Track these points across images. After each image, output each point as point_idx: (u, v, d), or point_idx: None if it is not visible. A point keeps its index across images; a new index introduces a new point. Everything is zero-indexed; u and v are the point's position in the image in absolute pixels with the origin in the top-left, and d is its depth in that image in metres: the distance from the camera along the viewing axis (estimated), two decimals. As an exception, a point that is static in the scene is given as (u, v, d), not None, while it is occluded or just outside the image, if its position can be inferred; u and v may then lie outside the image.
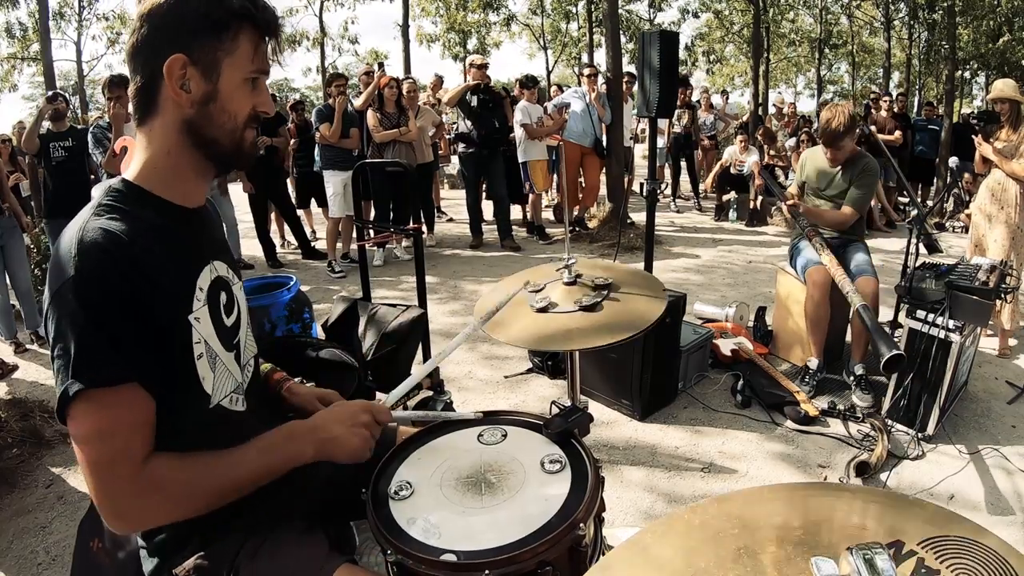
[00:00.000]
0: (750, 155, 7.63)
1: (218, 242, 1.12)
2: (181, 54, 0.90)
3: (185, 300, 0.96)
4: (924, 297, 2.59)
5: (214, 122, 0.96)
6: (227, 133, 0.98)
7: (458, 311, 4.48)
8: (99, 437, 0.86)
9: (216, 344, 1.01)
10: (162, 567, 1.03)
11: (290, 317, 2.96)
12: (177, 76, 0.91)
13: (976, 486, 2.34)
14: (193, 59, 0.92)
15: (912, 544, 0.68)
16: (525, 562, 0.94)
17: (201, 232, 1.05)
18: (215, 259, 1.05)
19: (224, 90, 0.95)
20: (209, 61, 0.93)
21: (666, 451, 2.63)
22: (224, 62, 0.94)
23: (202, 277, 1.00)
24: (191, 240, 1.01)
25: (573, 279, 1.58)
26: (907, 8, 15.30)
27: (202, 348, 0.97)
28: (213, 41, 0.92)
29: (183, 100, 0.93)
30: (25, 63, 15.31)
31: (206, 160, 1.00)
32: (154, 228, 0.94)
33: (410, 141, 5.68)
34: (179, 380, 0.95)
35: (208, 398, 1.00)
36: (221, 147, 0.98)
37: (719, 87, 17.84)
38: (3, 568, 2.08)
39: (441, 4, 17.26)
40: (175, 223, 0.99)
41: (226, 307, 1.06)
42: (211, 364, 1.00)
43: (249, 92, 0.98)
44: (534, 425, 1.26)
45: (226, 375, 1.04)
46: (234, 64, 0.95)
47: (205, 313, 0.99)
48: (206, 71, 0.93)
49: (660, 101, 3.15)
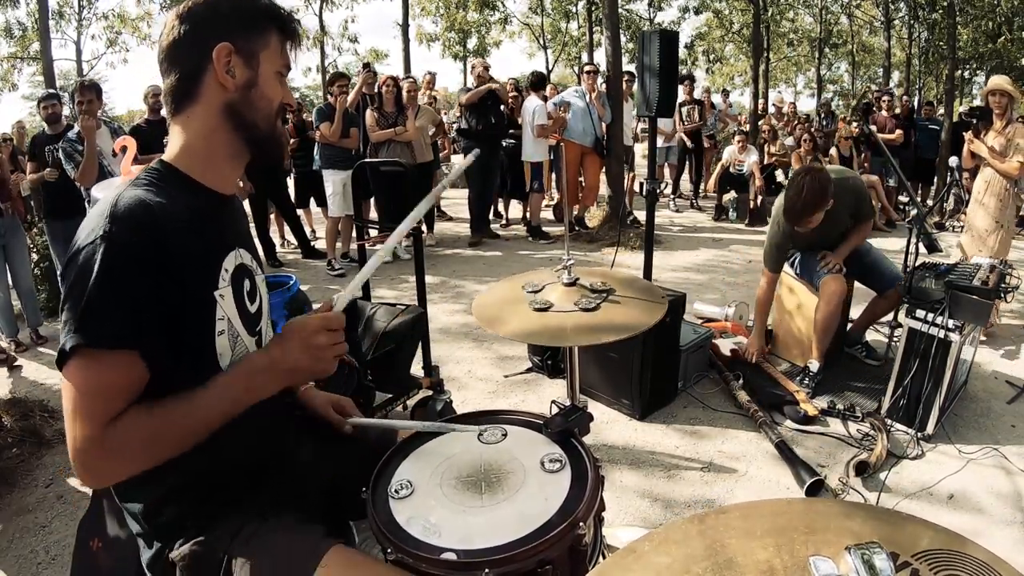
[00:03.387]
0: (749, 155, 7.63)
1: (243, 233, 1.16)
2: (227, 43, 0.99)
3: (212, 276, 1.01)
4: (924, 297, 2.59)
5: (255, 106, 1.04)
6: (265, 118, 1.05)
7: (458, 311, 4.48)
8: (87, 393, 0.88)
9: (239, 324, 1.05)
10: (159, 555, 1.04)
11: (290, 316, 2.96)
12: (224, 62, 0.99)
13: (975, 486, 2.34)
14: (237, 47, 1.00)
15: (906, 556, 0.68)
16: (525, 561, 0.94)
17: (230, 219, 1.11)
18: (240, 247, 1.10)
19: (262, 79, 1.04)
20: (250, 50, 1.02)
21: (666, 451, 2.64)
22: (261, 54, 1.03)
23: (228, 260, 1.05)
24: (220, 224, 1.06)
25: (572, 280, 1.58)
26: (907, 8, 15.30)
27: (224, 325, 1.02)
28: (252, 33, 1.02)
29: (229, 84, 1.00)
30: (25, 63, 15.29)
31: (243, 143, 1.06)
32: (188, 206, 0.99)
33: (407, 141, 5.67)
34: (196, 352, 0.98)
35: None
36: (260, 131, 1.05)
37: (719, 87, 17.85)
38: (3, 568, 2.08)
39: (441, 3, 17.24)
40: (207, 206, 1.04)
41: (249, 294, 1.10)
42: (231, 342, 1.03)
43: (277, 86, 1.06)
44: (534, 424, 1.27)
45: (244, 354, 1.06)
46: (269, 57, 1.04)
47: (229, 293, 1.04)
48: (248, 59, 1.02)
49: (660, 100, 3.16)
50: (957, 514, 2.20)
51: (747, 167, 7.56)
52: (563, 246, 1.97)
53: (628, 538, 1.91)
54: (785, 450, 2.49)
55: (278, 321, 3.16)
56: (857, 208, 3.09)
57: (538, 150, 6.49)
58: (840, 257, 3.08)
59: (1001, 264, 2.79)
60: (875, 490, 2.33)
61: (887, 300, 3.26)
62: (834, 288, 3.02)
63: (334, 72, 7.01)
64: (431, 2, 17.25)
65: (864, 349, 3.46)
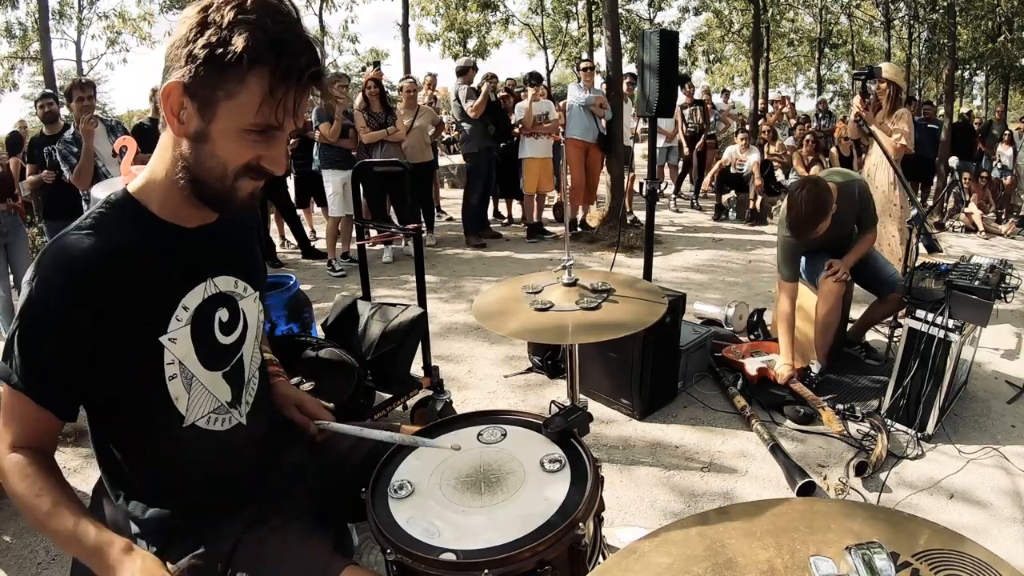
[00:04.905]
0: (750, 154, 7.63)
1: (231, 256, 1.07)
2: (177, 82, 0.84)
3: (158, 321, 0.95)
4: (924, 297, 2.59)
5: (203, 164, 0.89)
6: (215, 179, 0.90)
7: (458, 311, 4.47)
8: (4, 411, 0.95)
9: (194, 365, 0.99)
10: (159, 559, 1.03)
11: (290, 316, 2.97)
12: (174, 103, 0.86)
13: (975, 486, 2.34)
14: (189, 91, 0.84)
15: (907, 556, 0.68)
16: (524, 561, 0.94)
17: (201, 249, 1.01)
18: (217, 275, 1.03)
19: (216, 135, 0.87)
20: (205, 98, 0.84)
21: (666, 450, 2.63)
22: (221, 104, 0.84)
23: (189, 297, 0.98)
24: (181, 258, 0.98)
25: (572, 280, 1.58)
26: (907, 8, 15.29)
27: (175, 369, 0.97)
28: (214, 78, 0.82)
29: (177, 129, 0.88)
30: (25, 62, 15.29)
31: (194, 196, 0.94)
32: (134, 244, 0.93)
33: (399, 141, 5.66)
34: (148, 401, 0.97)
35: (182, 418, 1.00)
36: (208, 189, 0.92)
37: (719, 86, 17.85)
38: (3, 567, 2.08)
39: (441, 3, 17.24)
40: (165, 242, 0.97)
41: (225, 325, 1.04)
42: (186, 385, 0.99)
43: (250, 144, 0.88)
44: (534, 424, 1.27)
45: (204, 395, 1.02)
46: (232, 110, 0.84)
47: (185, 333, 0.97)
48: (201, 108, 0.85)
49: (660, 100, 3.15)
50: (957, 514, 2.20)
51: (748, 166, 7.56)
52: (563, 246, 1.97)
53: (628, 538, 1.91)
54: (779, 452, 2.49)
55: (279, 321, 3.15)
56: (862, 213, 3.09)
57: (526, 149, 6.45)
58: (847, 266, 3.06)
59: (1001, 264, 2.79)
60: (875, 490, 2.33)
61: (887, 304, 3.26)
62: (832, 286, 3.02)
63: (333, 73, 7.01)
64: (431, 2, 17.25)
65: (864, 349, 3.46)
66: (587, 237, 6.56)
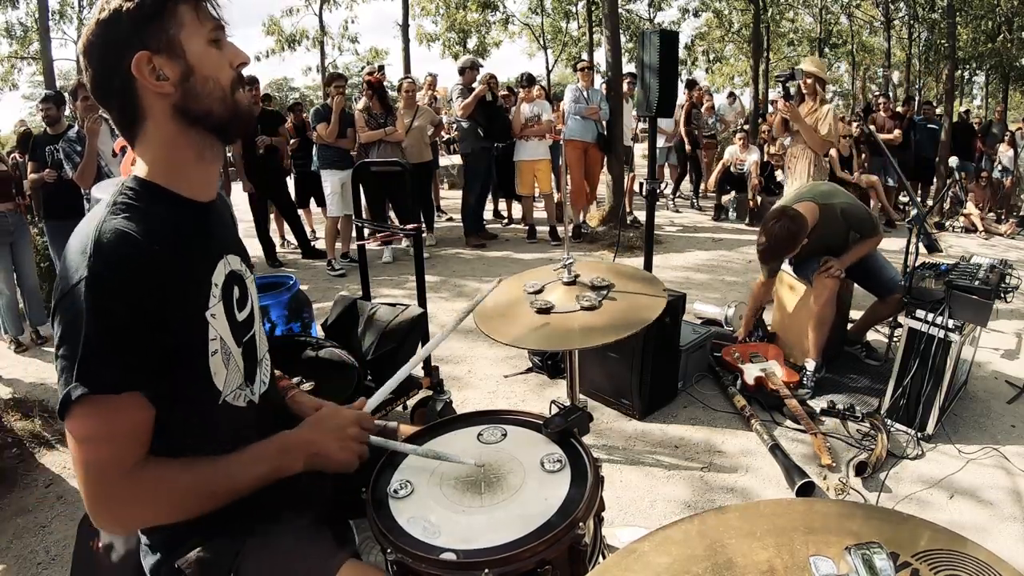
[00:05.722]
0: (750, 154, 7.64)
1: (231, 236, 1.12)
2: (141, 51, 0.89)
3: (202, 297, 0.97)
4: (924, 297, 2.59)
5: (200, 94, 0.94)
6: (218, 100, 0.96)
7: (458, 310, 4.47)
8: (96, 441, 0.88)
9: (230, 339, 1.02)
10: (164, 561, 1.03)
11: (290, 316, 2.97)
12: (148, 71, 0.91)
13: (975, 486, 2.34)
14: (153, 48, 0.90)
15: (907, 556, 0.68)
16: (524, 561, 0.94)
17: (214, 227, 1.05)
18: (228, 253, 1.06)
19: (195, 61, 0.94)
20: (167, 42, 0.91)
21: (666, 450, 2.64)
22: (180, 37, 0.92)
23: (216, 272, 1.01)
24: (205, 235, 1.01)
25: (572, 279, 1.58)
26: (907, 8, 15.30)
27: (217, 344, 0.99)
28: (158, 24, 0.91)
29: (165, 88, 0.92)
30: (25, 62, 15.30)
31: (207, 136, 0.99)
32: (169, 225, 0.95)
33: (397, 141, 5.66)
34: (192, 377, 0.97)
35: (219, 395, 1.00)
36: (216, 116, 0.97)
37: (719, 87, 17.87)
38: (3, 568, 2.08)
39: (441, 3, 17.24)
40: (188, 218, 0.99)
41: (239, 302, 1.07)
42: (224, 360, 1.01)
43: (218, 54, 0.96)
44: (534, 424, 1.27)
45: (236, 371, 1.04)
46: (190, 33, 0.93)
47: (220, 309, 1.00)
48: (170, 53, 0.92)
49: (660, 100, 3.16)
50: (957, 514, 2.20)
51: (747, 166, 7.56)
52: (563, 246, 1.97)
53: (628, 538, 1.91)
54: (779, 452, 2.49)
55: (279, 321, 3.15)
56: (854, 226, 3.11)
57: (520, 151, 6.43)
58: (843, 264, 3.07)
59: (1001, 264, 2.79)
60: (875, 490, 2.33)
61: (888, 305, 3.26)
62: (826, 282, 3.02)
63: (332, 72, 7.01)
64: (431, 2, 17.25)
65: (864, 349, 3.47)
66: (587, 237, 6.56)
